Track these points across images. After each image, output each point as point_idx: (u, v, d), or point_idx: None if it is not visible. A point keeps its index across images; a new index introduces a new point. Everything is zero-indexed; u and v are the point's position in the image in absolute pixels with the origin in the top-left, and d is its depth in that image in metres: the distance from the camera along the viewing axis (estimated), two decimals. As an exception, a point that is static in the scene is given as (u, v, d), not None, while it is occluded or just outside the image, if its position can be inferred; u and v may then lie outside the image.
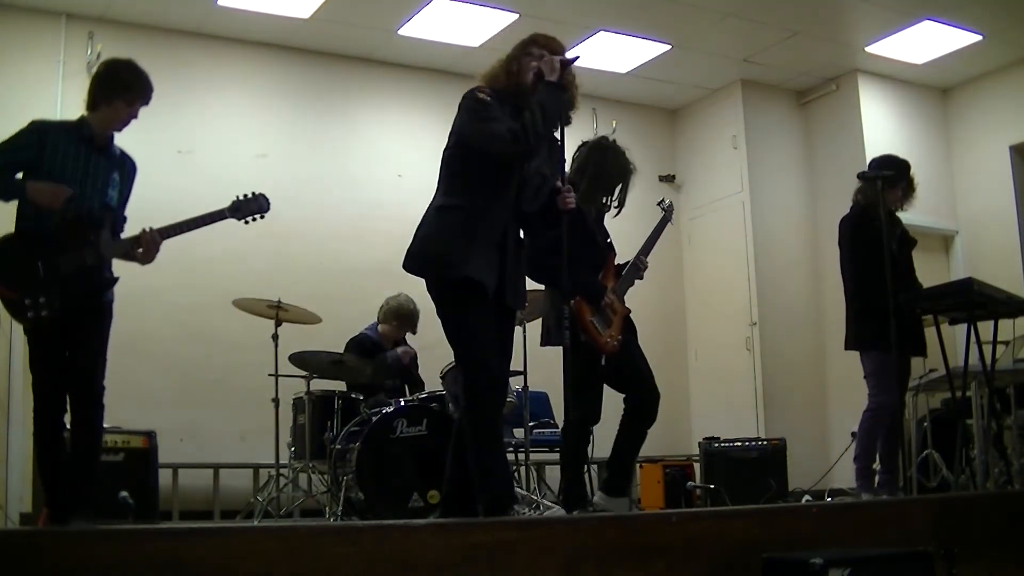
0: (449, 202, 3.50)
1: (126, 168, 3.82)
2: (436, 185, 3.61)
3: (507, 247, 3.54)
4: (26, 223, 3.59)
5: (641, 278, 4.67)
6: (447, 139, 3.61)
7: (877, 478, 5.01)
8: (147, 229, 3.71)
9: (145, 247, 3.70)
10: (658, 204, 4.92)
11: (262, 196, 4.00)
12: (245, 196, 3.97)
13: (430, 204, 3.58)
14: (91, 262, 3.60)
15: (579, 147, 4.54)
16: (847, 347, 5.11)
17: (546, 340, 4.45)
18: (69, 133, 3.65)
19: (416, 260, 3.51)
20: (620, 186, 4.46)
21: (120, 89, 3.68)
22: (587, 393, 4.33)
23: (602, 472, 4.64)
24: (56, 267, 3.53)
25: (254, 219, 4.00)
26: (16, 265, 3.53)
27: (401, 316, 6.07)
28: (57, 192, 3.51)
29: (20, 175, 3.57)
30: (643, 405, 4.45)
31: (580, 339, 4.26)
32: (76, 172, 3.61)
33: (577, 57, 3.67)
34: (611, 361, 4.41)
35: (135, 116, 3.76)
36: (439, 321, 3.54)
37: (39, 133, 3.60)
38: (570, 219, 3.63)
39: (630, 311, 4.56)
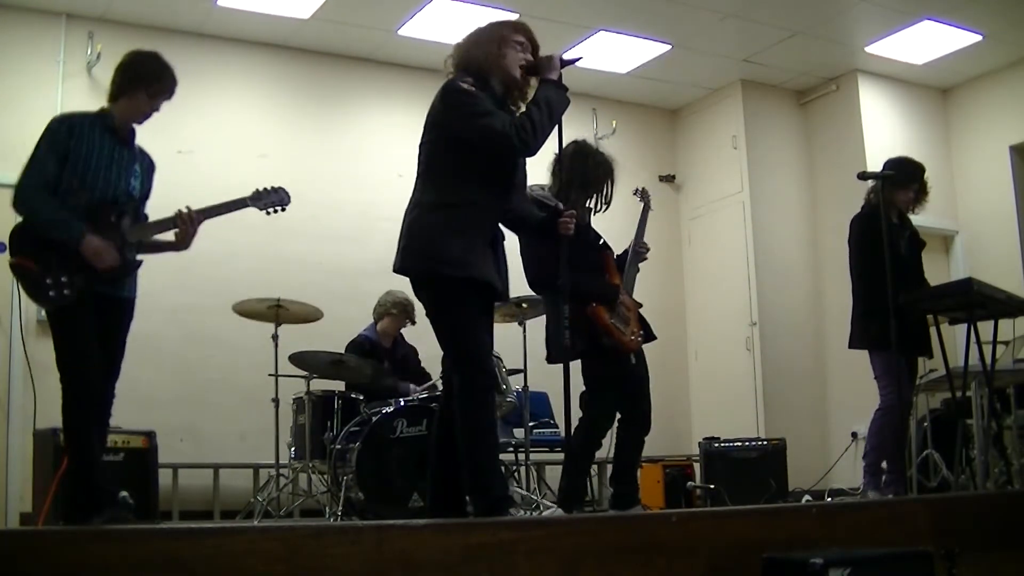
0: (451, 199, 3.34)
1: (145, 164, 3.78)
2: (420, 178, 3.46)
3: (497, 241, 3.49)
4: None
5: (644, 259, 4.65)
6: (425, 131, 3.50)
7: (884, 477, 5.02)
8: (184, 209, 3.68)
9: (182, 227, 3.67)
10: (634, 194, 4.86)
11: (282, 189, 4.02)
12: (265, 188, 3.98)
13: (420, 199, 3.42)
14: (115, 243, 3.52)
15: (555, 160, 4.34)
16: (851, 345, 5.11)
17: (553, 355, 4.31)
18: (93, 123, 3.60)
19: (421, 259, 3.33)
20: (608, 183, 4.43)
21: (144, 82, 3.64)
22: (605, 395, 4.31)
23: (603, 475, 4.64)
24: (77, 248, 3.45)
25: (276, 211, 4.00)
26: (36, 246, 3.45)
27: (399, 305, 6.08)
28: (106, 256, 3.48)
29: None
30: (638, 414, 4.44)
31: (603, 343, 4.26)
32: (101, 161, 3.55)
33: (579, 58, 3.64)
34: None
35: (157, 110, 3.71)
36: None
37: (66, 124, 3.55)
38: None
39: (641, 305, 4.56)
